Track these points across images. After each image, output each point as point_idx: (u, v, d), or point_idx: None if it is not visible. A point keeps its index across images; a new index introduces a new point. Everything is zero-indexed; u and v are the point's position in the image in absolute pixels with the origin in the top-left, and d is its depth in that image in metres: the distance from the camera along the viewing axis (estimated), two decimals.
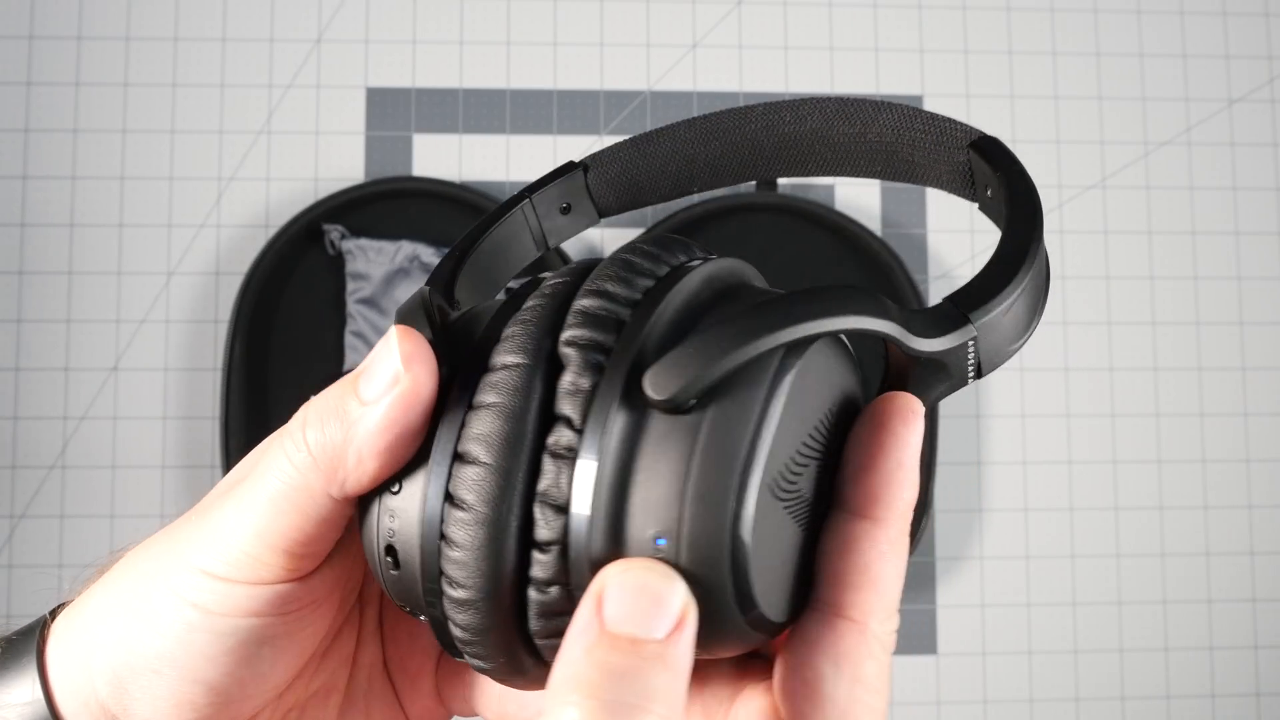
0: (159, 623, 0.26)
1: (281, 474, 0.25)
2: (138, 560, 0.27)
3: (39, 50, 1.00)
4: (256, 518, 0.25)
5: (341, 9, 1.02)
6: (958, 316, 0.25)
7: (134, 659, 0.26)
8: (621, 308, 0.24)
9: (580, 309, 0.24)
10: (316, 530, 0.26)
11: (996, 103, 1.05)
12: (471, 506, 0.23)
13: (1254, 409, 1.04)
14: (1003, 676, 1.00)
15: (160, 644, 0.26)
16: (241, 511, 0.26)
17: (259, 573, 0.26)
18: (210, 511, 0.26)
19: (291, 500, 0.25)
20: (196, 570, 0.26)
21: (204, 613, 0.26)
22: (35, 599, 0.95)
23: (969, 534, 1.01)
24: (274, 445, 0.26)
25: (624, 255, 0.25)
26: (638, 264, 0.25)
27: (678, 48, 1.03)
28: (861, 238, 0.99)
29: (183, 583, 0.26)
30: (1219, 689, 1.01)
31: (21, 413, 0.96)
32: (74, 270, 0.98)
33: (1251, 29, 1.07)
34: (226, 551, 0.26)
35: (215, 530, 0.26)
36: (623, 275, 0.25)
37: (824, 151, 0.32)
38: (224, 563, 0.26)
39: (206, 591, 0.26)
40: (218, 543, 0.26)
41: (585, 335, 0.24)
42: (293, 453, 0.25)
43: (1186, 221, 1.05)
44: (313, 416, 0.25)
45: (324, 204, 0.96)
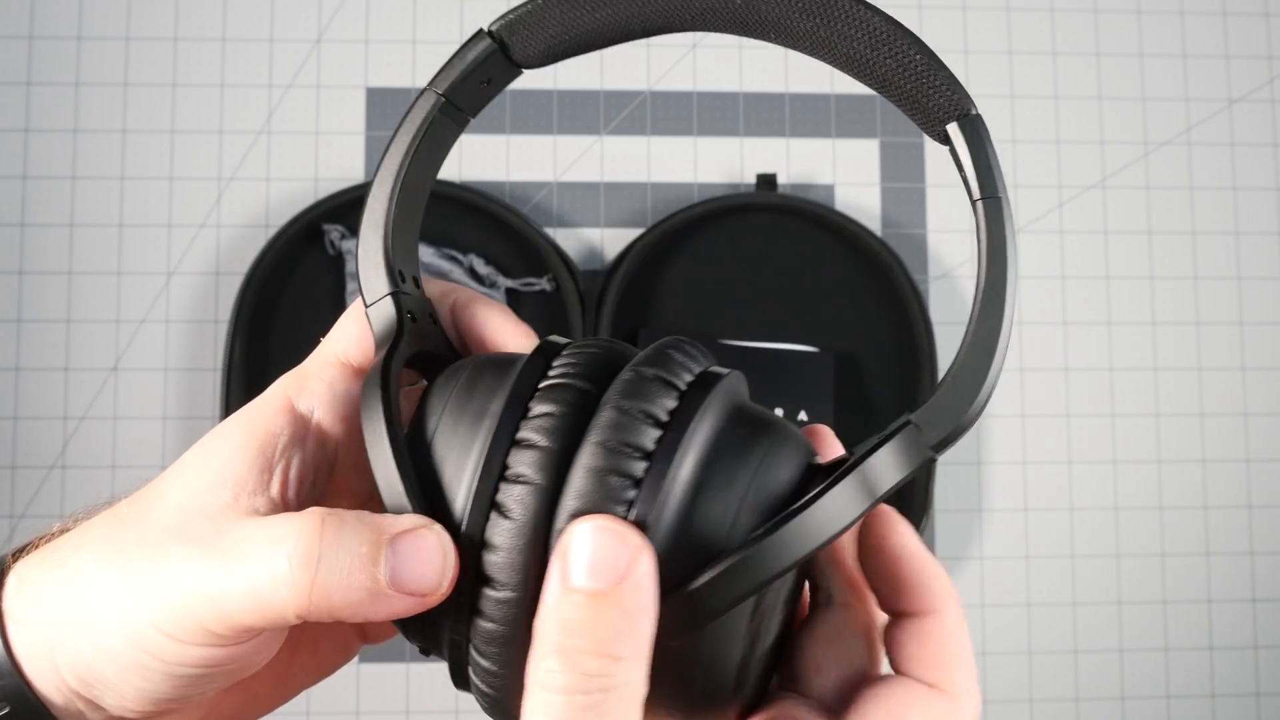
0: (116, 654, 0.27)
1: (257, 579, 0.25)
2: (94, 572, 0.27)
3: (39, 50, 1.00)
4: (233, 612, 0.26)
5: (341, 9, 1.02)
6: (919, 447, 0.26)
7: (93, 674, 0.27)
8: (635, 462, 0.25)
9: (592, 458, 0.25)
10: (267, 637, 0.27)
11: (996, 103, 1.05)
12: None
13: (1254, 409, 1.04)
14: (1003, 676, 1.00)
15: (116, 670, 0.27)
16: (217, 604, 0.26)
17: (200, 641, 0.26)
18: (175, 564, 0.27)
19: (258, 606, 0.26)
20: (148, 623, 0.26)
21: (155, 658, 0.27)
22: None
23: (969, 534, 1.01)
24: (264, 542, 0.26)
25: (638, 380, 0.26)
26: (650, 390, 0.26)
27: (678, 48, 1.03)
28: (861, 238, 0.99)
29: (136, 629, 0.26)
30: (1219, 689, 1.01)
31: (21, 413, 0.97)
32: (74, 270, 0.98)
33: (1251, 29, 1.07)
34: (191, 627, 0.26)
35: (182, 598, 0.26)
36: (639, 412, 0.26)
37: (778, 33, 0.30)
38: (184, 630, 0.26)
39: (158, 644, 0.26)
40: (183, 613, 0.26)
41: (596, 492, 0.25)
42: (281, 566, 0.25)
43: (1186, 221, 1.05)
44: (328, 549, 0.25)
45: (324, 204, 0.96)
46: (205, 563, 0.26)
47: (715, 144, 1.02)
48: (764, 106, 1.03)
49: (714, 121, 1.03)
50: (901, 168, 1.04)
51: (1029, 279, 1.03)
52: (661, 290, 0.97)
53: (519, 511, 0.25)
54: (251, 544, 0.26)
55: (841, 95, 1.04)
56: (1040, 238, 1.04)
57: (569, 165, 1.02)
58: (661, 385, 0.26)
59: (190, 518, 0.27)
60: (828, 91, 1.04)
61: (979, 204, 0.28)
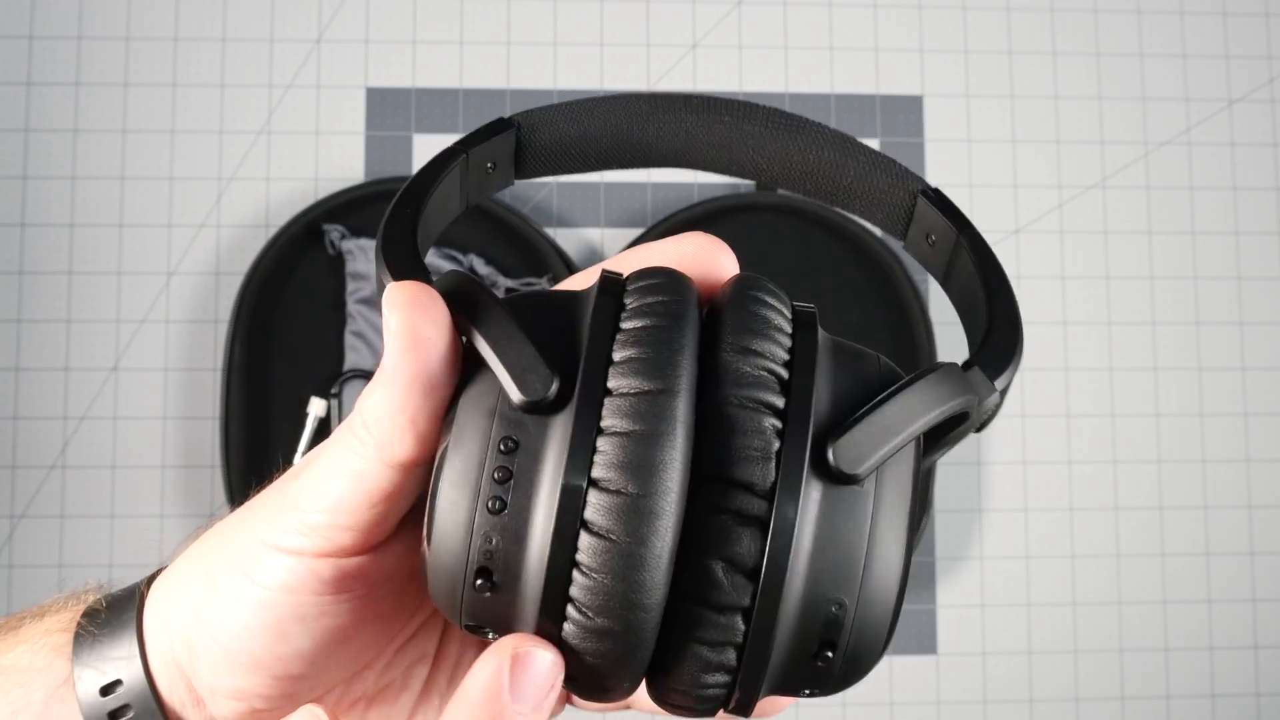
0: (217, 588, 0.28)
1: (344, 447, 0.26)
2: (218, 531, 0.29)
3: (39, 50, 1.00)
4: (323, 488, 0.27)
5: (341, 9, 1.02)
6: (984, 381, 0.26)
7: (199, 626, 0.28)
8: (778, 367, 0.25)
9: (735, 363, 0.24)
10: (377, 501, 0.27)
11: (996, 103, 1.05)
12: (621, 539, 0.23)
13: (1254, 409, 1.04)
14: (1003, 676, 1.00)
15: (217, 610, 0.28)
16: (309, 485, 0.27)
17: (319, 543, 0.27)
18: (281, 487, 0.28)
19: (354, 469, 0.26)
20: (260, 544, 0.27)
21: (253, 583, 0.27)
22: (35, 600, 0.95)
23: (969, 534, 1.01)
24: (339, 428, 0.27)
25: (753, 305, 0.26)
26: (768, 317, 0.25)
27: (678, 48, 1.03)
28: (861, 238, 0.99)
29: (243, 553, 0.28)
30: (1219, 689, 1.01)
31: (21, 413, 0.97)
32: (74, 270, 0.98)
33: (1251, 29, 1.07)
34: (292, 522, 0.27)
35: (283, 503, 0.27)
36: (765, 329, 0.25)
37: (756, 159, 0.32)
38: (287, 534, 0.27)
39: (261, 563, 0.27)
40: (284, 515, 0.27)
41: (753, 395, 0.24)
42: (356, 427, 0.26)
43: (1186, 221, 1.05)
44: (363, 395, 0.26)
45: (324, 204, 0.96)
46: (306, 468, 0.28)
47: None
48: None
49: None
50: None
51: (1029, 279, 1.03)
52: None
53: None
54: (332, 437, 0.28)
55: (841, 95, 1.04)
56: (1040, 238, 1.04)
57: None
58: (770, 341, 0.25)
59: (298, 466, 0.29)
60: (828, 91, 1.04)
61: (961, 236, 0.30)
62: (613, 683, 0.25)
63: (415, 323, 0.25)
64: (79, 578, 0.95)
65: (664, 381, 0.24)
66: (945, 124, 1.04)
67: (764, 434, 0.24)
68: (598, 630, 0.24)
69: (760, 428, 0.24)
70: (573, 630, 0.24)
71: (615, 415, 0.23)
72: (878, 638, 0.24)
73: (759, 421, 0.24)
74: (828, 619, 0.24)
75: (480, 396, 0.24)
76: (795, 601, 0.24)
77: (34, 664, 0.29)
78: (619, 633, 0.23)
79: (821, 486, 0.24)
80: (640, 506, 0.23)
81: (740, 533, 0.23)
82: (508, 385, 0.24)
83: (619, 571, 0.23)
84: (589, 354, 0.24)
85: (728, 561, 0.23)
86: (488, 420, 0.24)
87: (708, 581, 0.23)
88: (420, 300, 0.25)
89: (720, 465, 0.23)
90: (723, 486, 0.23)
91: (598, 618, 0.23)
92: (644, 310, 0.25)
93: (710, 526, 0.23)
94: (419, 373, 0.25)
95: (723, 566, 0.23)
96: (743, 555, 0.23)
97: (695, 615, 0.24)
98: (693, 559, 0.23)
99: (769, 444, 0.24)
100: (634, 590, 0.23)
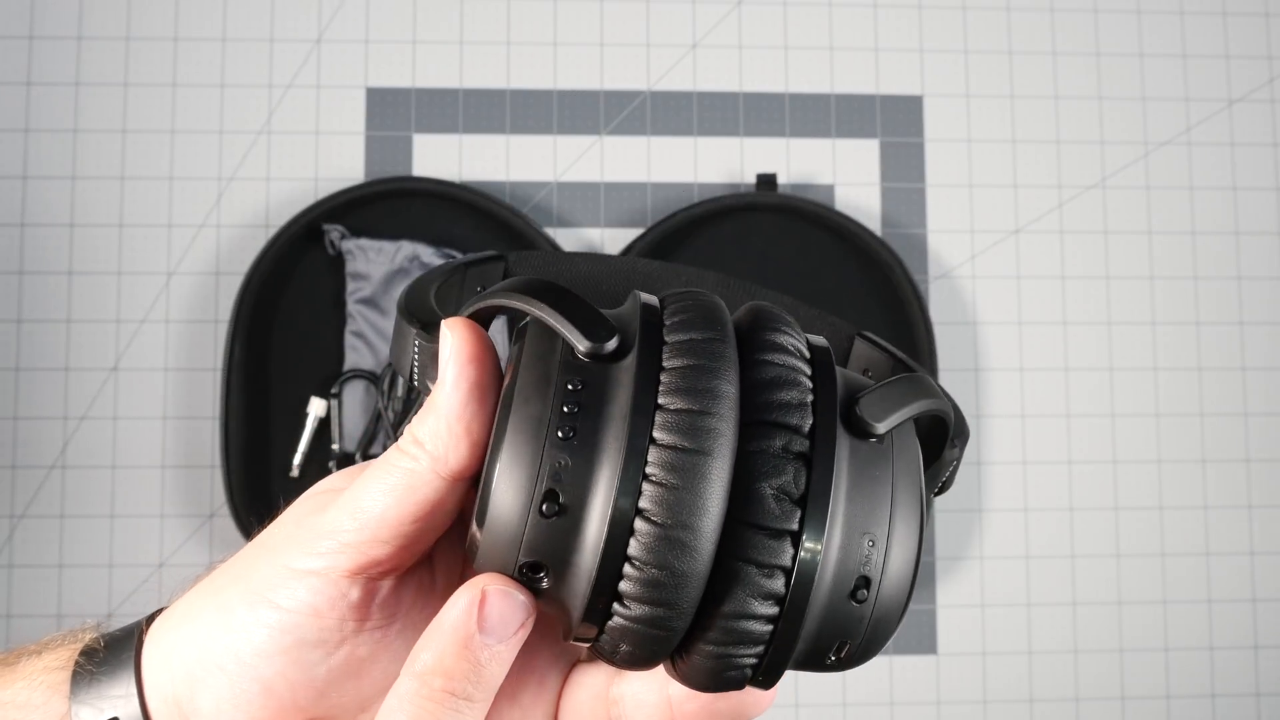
0: (233, 621, 0.28)
1: (392, 466, 0.28)
2: (229, 568, 0.30)
3: (39, 50, 1.00)
4: (365, 507, 0.28)
5: (341, 9, 1.02)
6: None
7: (205, 655, 0.29)
8: (803, 346, 0.27)
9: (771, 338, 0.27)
10: (420, 514, 0.28)
11: (996, 103, 1.05)
12: (691, 449, 0.25)
13: (1254, 409, 1.04)
14: (1003, 676, 1.00)
15: (229, 639, 0.28)
16: (347, 509, 0.28)
17: (354, 558, 0.28)
18: (305, 522, 0.29)
19: (403, 485, 0.28)
20: (286, 570, 0.28)
21: (274, 608, 0.28)
22: (35, 599, 0.95)
23: (969, 534, 1.01)
24: (383, 456, 0.29)
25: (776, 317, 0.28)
26: (789, 320, 0.28)
27: (678, 48, 1.03)
28: (861, 237, 0.99)
29: (264, 582, 0.28)
30: (1219, 689, 1.01)
31: (21, 413, 0.96)
32: (74, 270, 0.98)
33: (1251, 29, 1.07)
34: (327, 544, 0.28)
35: (315, 533, 0.28)
36: (790, 329, 0.28)
37: None
38: (321, 555, 0.28)
39: (286, 589, 0.28)
40: (318, 540, 0.28)
41: (788, 360, 0.27)
42: (407, 446, 0.28)
43: (1186, 221, 1.05)
44: (416, 418, 0.29)
45: (324, 204, 0.96)
46: (350, 491, 0.29)
47: (715, 144, 1.02)
48: (764, 106, 1.03)
49: (714, 121, 1.03)
50: (901, 168, 1.04)
51: (1029, 279, 1.03)
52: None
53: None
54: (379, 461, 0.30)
55: (841, 95, 1.04)
56: (1040, 238, 1.04)
57: (569, 165, 1.02)
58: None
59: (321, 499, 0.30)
60: (828, 91, 1.04)
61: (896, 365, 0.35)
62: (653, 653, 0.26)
63: (468, 341, 0.28)
64: (79, 577, 0.95)
65: (714, 331, 0.26)
66: (945, 124, 1.04)
67: (800, 387, 0.26)
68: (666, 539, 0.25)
69: (797, 381, 0.26)
70: (637, 547, 0.25)
71: (676, 356, 0.26)
72: (904, 582, 0.27)
73: (795, 377, 0.26)
74: (864, 554, 0.26)
75: (540, 355, 0.26)
76: (838, 532, 0.26)
77: (31, 700, 0.30)
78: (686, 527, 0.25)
79: (850, 440, 0.26)
80: (705, 425, 0.25)
81: (787, 465, 0.25)
82: (572, 336, 0.26)
83: (689, 479, 0.25)
84: (644, 322, 0.26)
85: (777, 489, 0.25)
86: (552, 369, 0.26)
87: (759, 504, 0.25)
88: (471, 326, 0.28)
89: (765, 411, 0.26)
90: (768, 428, 0.26)
91: (667, 526, 0.25)
92: (684, 295, 0.28)
93: (760, 460, 0.25)
94: (475, 384, 0.28)
95: (773, 493, 0.25)
96: (790, 485, 0.25)
97: (747, 537, 0.25)
98: (745, 486, 0.25)
99: (805, 397, 0.26)
100: (702, 485, 0.25)
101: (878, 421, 0.26)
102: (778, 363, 0.26)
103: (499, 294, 0.28)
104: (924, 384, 0.28)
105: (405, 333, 0.31)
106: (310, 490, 0.31)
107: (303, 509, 0.30)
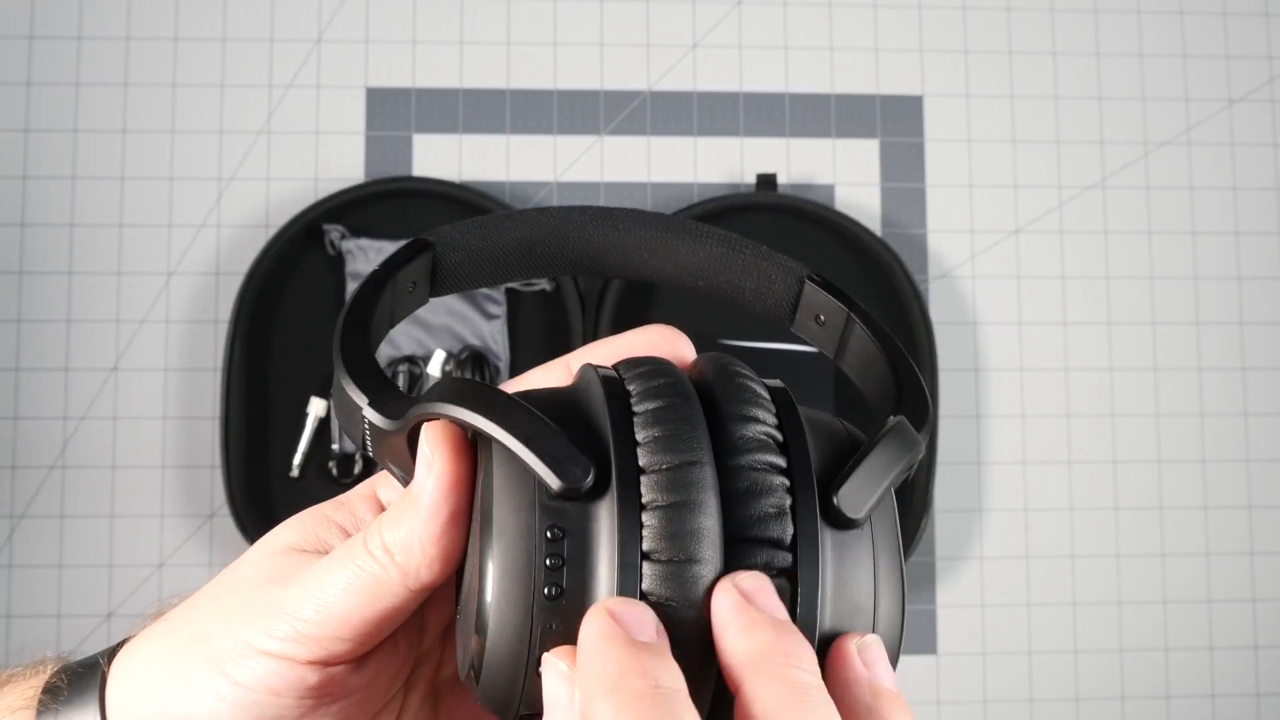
0: (192, 688, 0.28)
1: (358, 566, 0.28)
2: (185, 620, 0.30)
3: (39, 50, 1.00)
4: (328, 601, 0.27)
5: (341, 9, 1.02)
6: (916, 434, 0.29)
7: (164, 715, 0.28)
8: (774, 430, 0.27)
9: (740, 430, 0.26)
10: (384, 618, 0.28)
11: (996, 103, 1.05)
12: (680, 603, 0.24)
13: (1254, 409, 1.04)
14: (1003, 676, 1.00)
15: (189, 706, 0.28)
16: (309, 595, 0.28)
17: (314, 652, 0.28)
18: (266, 591, 0.29)
19: (369, 590, 0.27)
20: (246, 646, 0.28)
21: (233, 684, 0.28)
22: (35, 599, 0.95)
23: (969, 534, 1.01)
24: (349, 546, 0.28)
25: (740, 379, 0.27)
26: (754, 388, 0.27)
27: (678, 48, 1.03)
28: (861, 238, 0.99)
29: (224, 653, 0.28)
30: (1219, 689, 1.01)
31: (21, 413, 0.97)
32: (74, 270, 0.98)
33: (1251, 29, 1.07)
34: (286, 629, 0.28)
35: (274, 610, 0.28)
36: (757, 400, 0.27)
37: (651, 260, 0.35)
38: (280, 640, 0.28)
39: (245, 665, 0.28)
40: (277, 621, 0.28)
41: (762, 459, 0.26)
42: (377, 552, 0.27)
43: (1186, 221, 1.05)
44: (387, 519, 0.28)
45: (324, 204, 0.96)
46: (306, 577, 0.28)
47: (715, 144, 1.02)
48: (764, 106, 1.03)
49: (714, 121, 1.03)
50: (901, 168, 1.04)
51: (1029, 279, 1.03)
52: (661, 290, 0.97)
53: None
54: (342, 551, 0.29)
55: (841, 95, 1.04)
56: (1040, 238, 1.04)
57: (569, 165, 1.02)
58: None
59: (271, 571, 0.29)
60: (828, 91, 1.04)
61: (852, 313, 0.34)
62: None
63: (452, 467, 0.27)
64: (79, 577, 0.95)
65: (693, 454, 0.25)
66: (945, 124, 1.04)
67: (777, 493, 0.26)
68: None
69: (773, 487, 0.26)
70: None
71: (654, 490, 0.25)
72: (896, 642, 0.27)
73: (770, 481, 0.26)
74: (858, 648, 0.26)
75: (512, 492, 0.25)
76: (823, 639, 0.26)
77: None
78: None
79: (831, 533, 0.26)
80: (692, 574, 0.25)
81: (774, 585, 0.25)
82: (547, 476, 0.25)
83: (682, 633, 0.25)
84: (616, 437, 0.25)
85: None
86: (529, 513, 0.25)
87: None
88: (455, 447, 0.27)
89: (745, 527, 0.25)
90: (751, 545, 0.25)
91: None
92: (651, 393, 0.26)
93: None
94: (458, 510, 0.27)
95: None
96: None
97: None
98: None
99: (783, 501, 0.26)
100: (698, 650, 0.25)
101: (858, 512, 0.26)
102: (752, 465, 0.26)
103: (459, 408, 0.26)
104: (902, 439, 0.27)
105: (350, 403, 0.29)
106: (267, 545, 0.30)
107: (261, 570, 0.29)
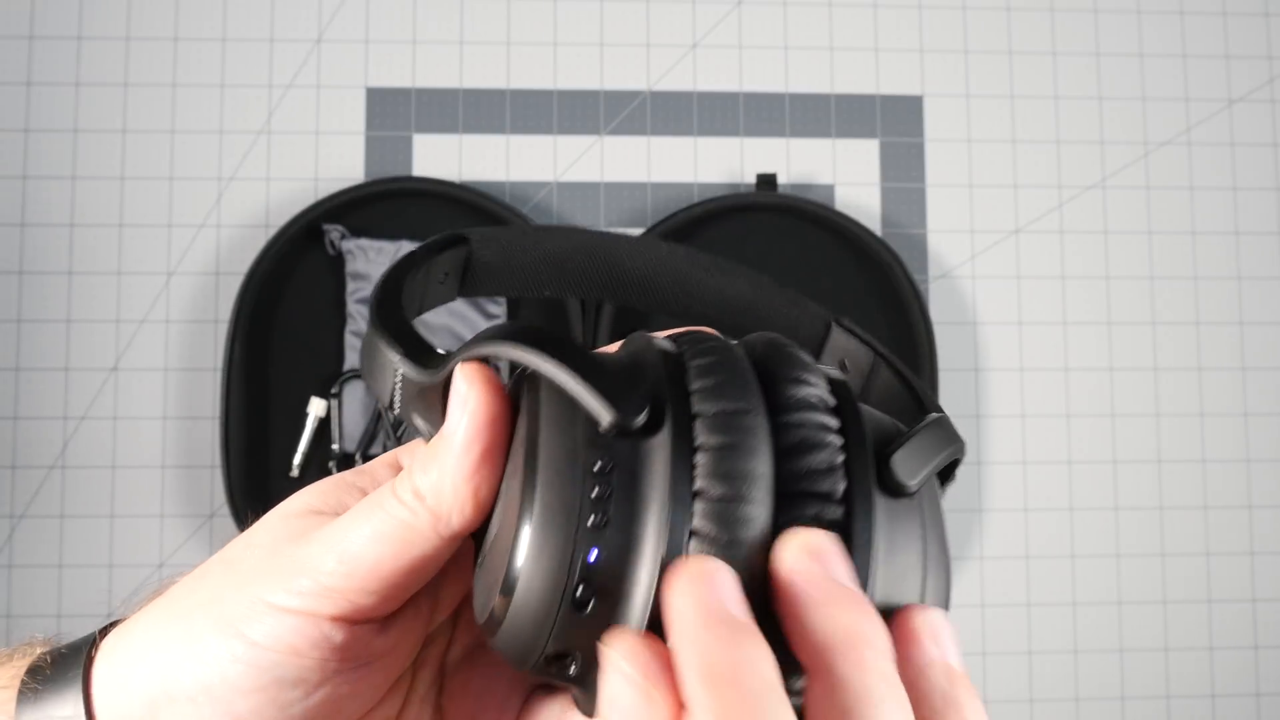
0: (203, 651, 0.26)
1: (387, 513, 0.26)
2: (194, 588, 0.28)
3: (39, 50, 1.00)
4: (355, 552, 0.26)
5: (341, 9, 1.02)
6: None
7: (170, 684, 0.27)
8: (826, 395, 0.26)
9: (793, 391, 0.26)
10: (413, 568, 0.26)
11: (996, 103, 1.05)
12: (727, 543, 0.24)
13: (1254, 409, 1.04)
14: (1003, 676, 1.00)
15: (200, 672, 0.26)
16: (333, 548, 0.26)
17: (339, 606, 0.26)
18: (283, 551, 0.27)
19: (399, 538, 0.26)
20: (260, 602, 0.26)
21: (250, 644, 0.26)
22: (35, 599, 0.95)
23: (969, 534, 1.01)
24: (376, 495, 0.27)
25: (791, 349, 0.27)
26: (805, 358, 0.27)
27: (678, 48, 1.03)
28: (861, 238, 0.99)
29: (238, 612, 0.26)
30: (1219, 689, 1.01)
31: (21, 413, 0.97)
32: (74, 270, 0.98)
33: (1251, 29, 1.07)
34: (308, 583, 0.26)
35: (294, 566, 0.26)
36: (809, 366, 0.27)
37: (678, 293, 0.35)
38: (301, 595, 0.26)
39: (263, 623, 0.26)
40: (297, 577, 0.26)
41: (816, 418, 0.25)
42: (407, 497, 0.26)
43: (1186, 221, 1.05)
44: (418, 464, 0.26)
45: (324, 204, 0.96)
46: (331, 529, 0.27)
47: (715, 144, 1.02)
48: (764, 106, 1.03)
49: (714, 121, 1.03)
50: (901, 168, 1.04)
51: (1029, 279, 1.03)
52: None
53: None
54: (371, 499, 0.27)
55: (841, 95, 1.04)
56: (1040, 238, 1.04)
57: (569, 165, 1.02)
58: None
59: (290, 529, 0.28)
60: (828, 91, 1.04)
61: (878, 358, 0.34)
62: None
63: (488, 402, 0.26)
64: (79, 577, 0.95)
65: (747, 402, 0.25)
66: (945, 124, 1.04)
67: (831, 449, 0.25)
68: None
69: (827, 443, 0.25)
70: None
71: (708, 432, 0.24)
72: None
73: (824, 438, 0.25)
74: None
75: (560, 426, 0.25)
76: (877, 599, 0.25)
77: None
78: None
79: (883, 500, 0.26)
80: (744, 513, 0.24)
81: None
82: (599, 409, 0.24)
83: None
84: (671, 383, 0.25)
85: None
86: (577, 446, 0.24)
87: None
88: (491, 382, 0.26)
89: (797, 480, 0.25)
90: (804, 499, 0.25)
91: None
92: (705, 350, 0.26)
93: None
94: (491, 448, 0.26)
95: None
96: None
97: None
98: None
99: (836, 458, 0.25)
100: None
101: (911, 479, 0.26)
102: (807, 423, 0.25)
103: (512, 344, 0.25)
104: (946, 427, 0.27)
105: (383, 357, 0.28)
106: (283, 509, 0.29)
107: (277, 532, 0.28)
